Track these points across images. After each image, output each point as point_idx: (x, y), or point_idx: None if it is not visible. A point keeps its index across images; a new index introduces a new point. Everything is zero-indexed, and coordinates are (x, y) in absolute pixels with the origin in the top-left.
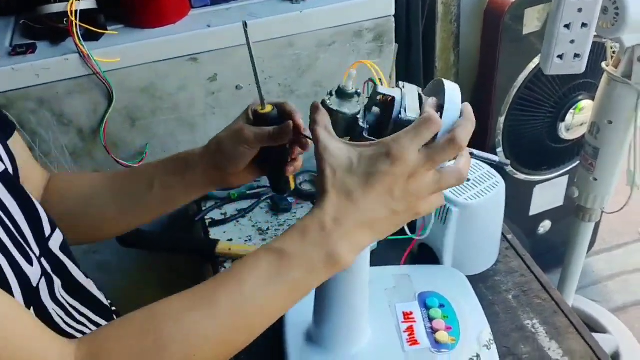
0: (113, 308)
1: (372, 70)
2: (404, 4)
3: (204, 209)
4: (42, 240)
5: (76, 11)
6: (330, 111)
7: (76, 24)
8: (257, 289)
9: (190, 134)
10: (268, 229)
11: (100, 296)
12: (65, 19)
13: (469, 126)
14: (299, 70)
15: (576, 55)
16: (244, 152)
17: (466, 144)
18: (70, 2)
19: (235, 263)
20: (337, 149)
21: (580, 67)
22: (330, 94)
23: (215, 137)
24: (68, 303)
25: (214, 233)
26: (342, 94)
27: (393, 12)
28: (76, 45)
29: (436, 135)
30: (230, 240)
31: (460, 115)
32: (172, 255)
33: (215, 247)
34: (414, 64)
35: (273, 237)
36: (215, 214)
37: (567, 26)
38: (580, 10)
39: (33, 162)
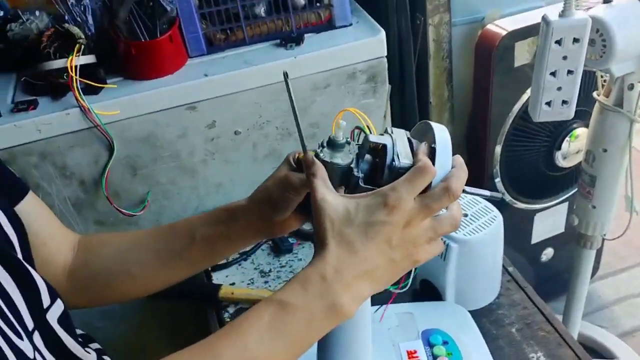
0: None
1: (359, 117)
2: (396, 44)
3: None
4: (39, 312)
5: (76, 67)
6: (324, 163)
7: (76, 79)
8: (259, 343)
9: (192, 180)
10: (270, 270)
11: None
12: (65, 74)
13: (462, 175)
14: None
15: (564, 102)
16: (291, 198)
17: (460, 193)
18: (70, 58)
19: (238, 317)
20: (335, 200)
21: (569, 113)
22: (322, 145)
23: (260, 186)
24: None
25: (217, 277)
26: (334, 145)
27: (385, 53)
28: (77, 99)
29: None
30: (233, 284)
31: (453, 166)
32: (175, 301)
33: (218, 292)
34: (409, 101)
35: (275, 279)
36: None
37: (553, 74)
38: (565, 57)
39: (56, 223)
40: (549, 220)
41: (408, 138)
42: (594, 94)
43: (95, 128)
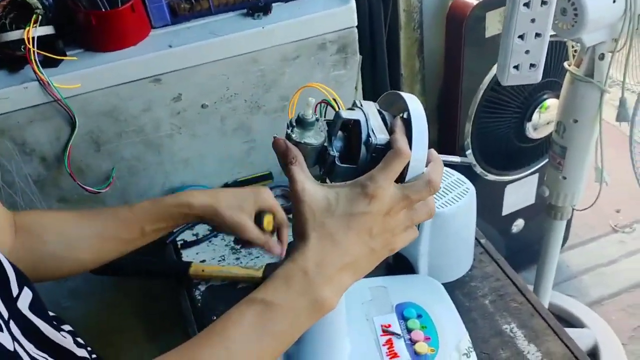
0: (94, 356)
1: (323, 91)
2: (366, 14)
3: (174, 230)
4: (10, 302)
5: (33, 38)
6: (297, 144)
7: (34, 51)
8: (243, 344)
9: (158, 156)
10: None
11: (80, 351)
12: (22, 47)
13: (440, 169)
14: (265, 86)
15: (532, 65)
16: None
17: (440, 187)
18: (27, 29)
19: (220, 318)
20: (314, 190)
21: (537, 76)
22: (291, 124)
23: (209, 210)
24: None
25: (187, 255)
26: (304, 124)
27: (356, 22)
28: (35, 72)
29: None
30: (204, 261)
31: (429, 160)
32: (145, 280)
33: (188, 270)
34: (380, 73)
35: (246, 255)
36: (187, 235)
37: (521, 37)
38: (533, 20)
39: None
40: (520, 192)
41: (378, 110)
42: (565, 64)
43: (56, 102)
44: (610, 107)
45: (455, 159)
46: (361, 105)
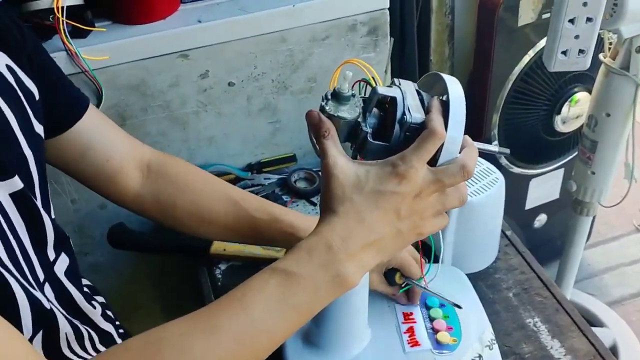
0: (120, 331)
1: (363, 69)
2: None
3: None
4: (47, 264)
5: (62, 8)
6: (331, 117)
7: (63, 20)
8: (263, 313)
9: (183, 132)
10: None
11: (106, 325)
12: (51, 16)
13: (474, 155)
14: (293, 66)
15: (581, 51)
16: None
17: (473, 173)
18: None
19: (240, 286)
20: (346, 165)
21: (585, 63)
22: (327, 97)
23: None
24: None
25: None
26: (339, 97)
27: (387, 4)
28: (63, 42)
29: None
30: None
31: (464, 146)
32: (165, 256)
33: (209, 248)
34: (409, 57)
35: None
36: None
37: (571, 21)
38: (585, 4)
39: (121, 135)
40: (544, 186)
41: (417, 90)
42: (600, 55)
43: (83, 73)
44: (639, 105)
45: (493, 147)
46: (399, 84)
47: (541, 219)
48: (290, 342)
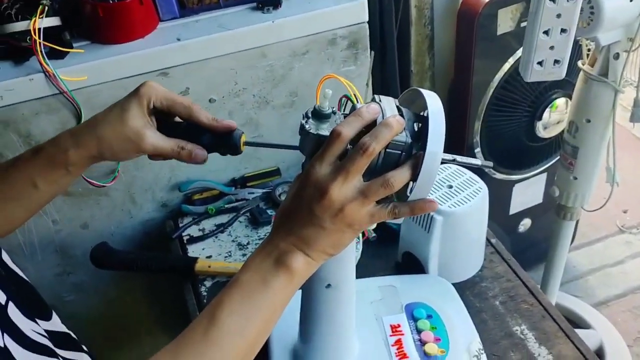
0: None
1: (345, 85)
2: (377, 9)
3: (181, 225)
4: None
5: (39, 29)
6: (311, 135)
7: (40, 42)
8: (231, 325)
9: None
10: (248, 243)
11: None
12: (28, 37)
13: (406, 174)
14: (274, 81)
15: (556, 62)
16: (134, 156)
17: (400, 186)
18: (33, 20)
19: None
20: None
21: (560, 73)
22: (307, 116)
23: (94, 130)
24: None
25: (192, 250)
26: (319, 115)
27: (367, 18)
28: (41, 64)
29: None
30: (210, 257)
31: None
32: (150, 275)
33: (194, 265)
34: (390, 69)
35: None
36: (193, 230)
37: (546, 32)
38: (559, 15)
39: None
40: (528, 191)
41: (397, 106)
42: (579, 63)
43: (62, 94)
44: (619, 108)
45: (476, 161)
46: (380, 101)
47: (525, 224)
48: (278, 358)
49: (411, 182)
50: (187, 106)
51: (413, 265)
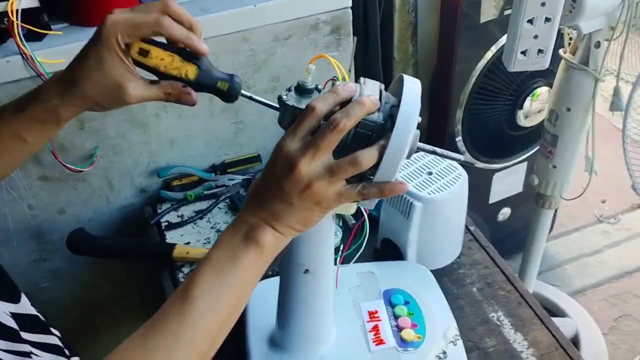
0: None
1: (333, 65)
2: None
3: (159, 211)
4: None
5: (17, 10)
6: (286, 107)
7: (17, 24)
8: (205, 303)
9: (143, 135)
10: None
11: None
12: (5, 19)
13: (374, 153)
14: (255, 66)
15: (540, 51)
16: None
17: (369, 165)
18: (11, 1)
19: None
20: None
21: (544, 62)
22: (289, 89)
23: (78, 88)
24: None
25: (171, 236)
26: (302, 90)
27: (350, 3)
28: (18, 46)
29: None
30: (188, 243)
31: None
32: (128, 261)
33: (172, 252)
34: (372, 55)
35: None
36: (172, 217)
37: (530, 21)
38: (543, 4)
39: None
40: (508, 180)
41: (380, 90)
42: (560, 51)
43: (39, 77)
44: (599, 98)
45: (458, 156)
46: (364, 83)
47: (505, 213)
48: (255, 346)
49: None
50: (154, 22)
51: (392, 251)
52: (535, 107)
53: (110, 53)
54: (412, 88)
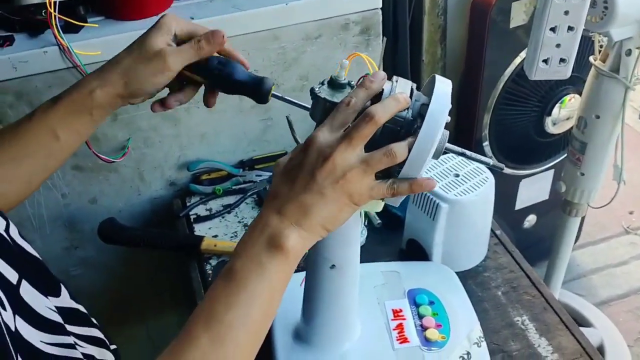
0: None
1: (367, 64)
2: None
3: (188, 204)
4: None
5: (55, 2)
6: (318, 99)
7: (55, 15)
8: (234, 319)
9: (174, 128)
10: None
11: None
12: (43, 11)
13: (406, 148)
14: (285, 64)
15: (562, 60)
16: (162, 82)
17: (402, 157)
18: None
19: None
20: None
21: (566, 72)
22: (322, 83)
23: (117, 65)
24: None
25: (199, 229)
26: (334, 84)
27: (380, 4)
28: (55, 37)
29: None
30: (216, 236)
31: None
32: (156, 252)
33: (200, 244)
34: (401, 57)
35: None
36: (200, 210)
37: (552, 29)
38: (566, 12)
39: None
40: (534, 187)
41: (412, 89)
42: (591, 58)
43: (75, 68)
44: (628, 109)
45: (487, 160)
46: (396, 81)
47: (531, 220)
48: (280, 339)
49: None
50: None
51: (417, 252)
52: (563, 115)
53: (158, 31)
54: (443, 87)
